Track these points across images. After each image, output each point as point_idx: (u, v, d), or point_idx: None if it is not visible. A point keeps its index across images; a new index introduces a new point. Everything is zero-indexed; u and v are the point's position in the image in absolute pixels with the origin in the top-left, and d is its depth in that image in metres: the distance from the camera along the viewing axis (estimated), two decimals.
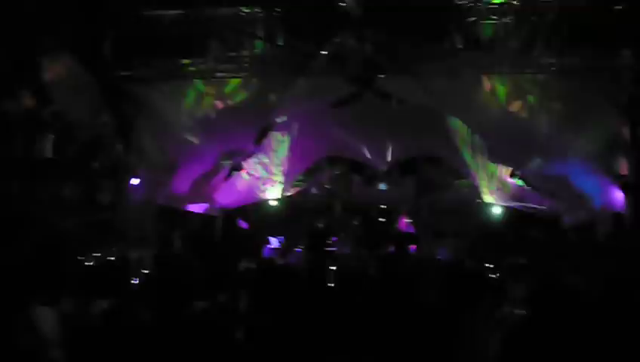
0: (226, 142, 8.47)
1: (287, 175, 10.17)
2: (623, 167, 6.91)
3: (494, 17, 7.02)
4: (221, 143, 8.43)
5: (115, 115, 7.89)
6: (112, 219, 7.79)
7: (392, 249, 9.51)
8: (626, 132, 6.98)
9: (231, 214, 10.35)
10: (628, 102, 6.92)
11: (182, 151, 8.25)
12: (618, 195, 7.07)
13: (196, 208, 10.02)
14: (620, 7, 6.60)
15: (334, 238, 9.91)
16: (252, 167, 9.86)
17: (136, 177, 8.28)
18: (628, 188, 6.86)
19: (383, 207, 10.62)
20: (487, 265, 7.33)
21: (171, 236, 9.18)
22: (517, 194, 9.05)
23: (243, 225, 10.47)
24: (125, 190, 8.23)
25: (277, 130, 9.14)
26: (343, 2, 6.86)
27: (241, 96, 7.90)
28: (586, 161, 7.36)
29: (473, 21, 7.06)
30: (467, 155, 9.05)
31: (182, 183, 8.89)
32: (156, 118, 8.09)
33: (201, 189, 9.45)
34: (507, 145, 7.89)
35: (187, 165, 8.50)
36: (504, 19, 6.89)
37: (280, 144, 9.57)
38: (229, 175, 9.56)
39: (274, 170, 9.98)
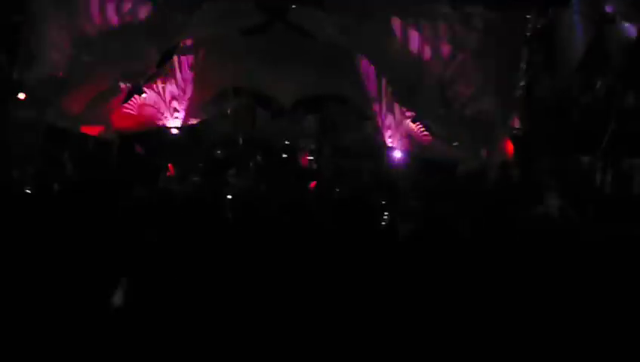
0: (126, 63, 7.96)
1: (189, 102, 9.81)
2: (515, 119, 7.26)
3: None
4: (120, 63, 7.91)
5: None
6: None
7: (292, 184, 9.55)
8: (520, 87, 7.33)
9: (128, 138, 9.87)
10: (526, 59, 7.24)
11: (75, 68, 7.68)
12: (508, 146, 7.46)
13: (90, 130, 9.47)
14: None
15: (234, 170, 9.79)
16: (154, 91, 9.40)
17: (21, 92, 7.64)
18: (517, 140, 7.25)
19: (286, 142, 10.57)
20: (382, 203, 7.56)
21: (60, 157, 8.66)
22: (416, 140, 9.32)
23: (139, 150, 10.05)
24: (8, 106, 7.59)
25: (181, 54, 8.72)
26: None
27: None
28: (485, 111, 7.66)
29: None
30: (374, 97, 9.16)
31: (74, 103, 8.33)
32: (46, 29, 7.44)
33: (95, 110, 8.91)
34: (410, 91, 8.06)
35: (81, 83, 7.94)
36: None
37: (184, 69, 9.16)
38: (128, 97, 9.06)
39: (177, 96, 9.58)
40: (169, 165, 9.51)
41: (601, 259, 4.31)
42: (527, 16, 7.03)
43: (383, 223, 6.77)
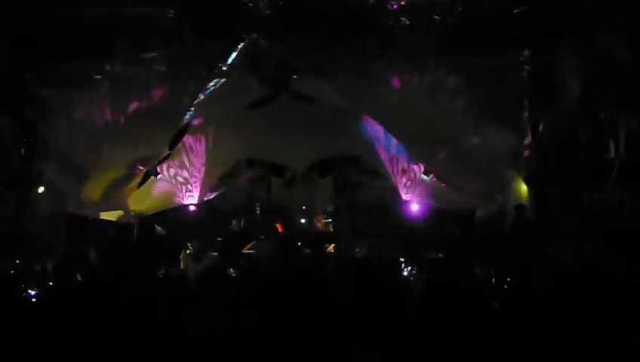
0: (139, 147, 8.21)
1: (204, 178, 10.00)
2: (527, 161, 7.24)
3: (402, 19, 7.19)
4: (133, 148, 8.16)
5: (15, 119, 7.47)
6: (15, 231, 7.35)
7: (311, 249, 9.55)
8: (527, 129, 7.35)
9: (147, 220, 10.03)
10: (528, 101, 7.29)
11: (92, 158, 7.93)
12: (522, 189, 7.41)
13: (110, 216, 9.66)
14: (519, 10, 6.90)
15: (254, 241, 9.84)
16: (168, 172, 9.63)
17: (41, 186, 7.87)
18: (531, 181, 7.20)
19: (302, 208, 10.64)
20: (401, 259, 7.50)
21: (83, 246, 8.80)
22: (431, 191, 9.31)
23: (160, 231, 10.18)
24: (29, 200, 7.79)
25: (192, 134, 8.97)
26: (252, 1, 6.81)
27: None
28: (494, 156, 7.67)
29: (383, 22, 7.19)
30: (383, 154, 9.25)
31: (93, 191, 8.55)
32: (63, 124, 7.74)
33: (113, 196, 9.12)
34: (418, 143, 8.13)
35: (98, 172, 8.18)
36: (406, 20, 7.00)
37: (196, 148, 9.40)
38: (144, 180, 9.27)
39: (191, 174, 9.79)
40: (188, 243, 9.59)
41: (625, 292, 4.22)
42: (521, 59, 7.12)
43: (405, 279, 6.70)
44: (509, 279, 5.90)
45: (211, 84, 7.72)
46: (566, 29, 6.75)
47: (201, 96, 7.78)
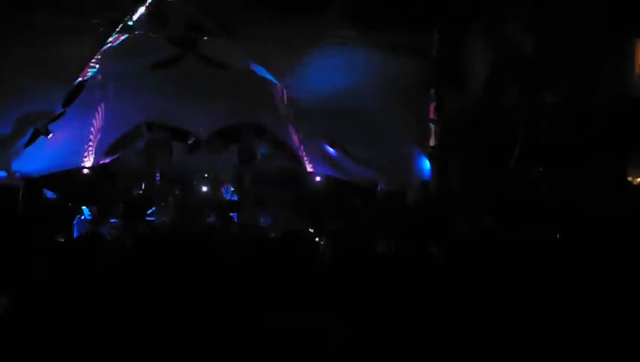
0: (28, 102, 7.54)
1: (101, 140, 9.41)
2: (430, 138, 7.51)
3: None
4: (20, 102, 7.48)
5: None
6: None
7: (213, 218, 9.34)
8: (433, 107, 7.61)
9: (34, 182, 9.29)
10: (435, 81, 7.54)
11: None
12: (425, 165, 7.70)
13: None
14: None
15: (153, 208, 9.46)
16: (61, 132, 8.93)
17: None
18: (433, 158, 7.49)
19: (205, 175, 10.34)
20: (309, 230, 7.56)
21: None
22: (337, 164, 9.41)
23: (50, 195, 9.47)
24: None
25: (90, 91, 8.35)
26: None
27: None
28: (400, 133, 7.88)
29: None
30: (289, 124, 9.19)
31: None
32: None
33: None
34: (326, 113, 8.17)
35: None
36: None
37: (93, 107, 8.78)
38: (32, 140, 8.54)
39: (87, 135, 9.16)
40: (84, 208, 9.01)
41: (517, 263, 4.53)
42: (430, 40, 7.33)
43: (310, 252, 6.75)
44: (409, 251, 6.13)
45: (112, 38, 7.24)
46: (474, 14, 7.02)
47: (102, 51, 7.27)
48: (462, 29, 6.97)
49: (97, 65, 7.61)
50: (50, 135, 8.57)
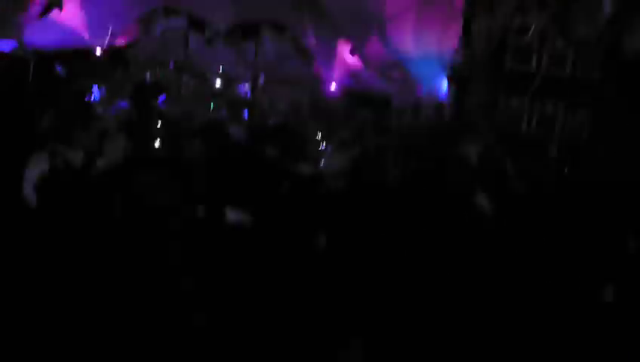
0: None
1: (116, 21, 9.15)
2: (454, 60, 7.35)
3: None
4: None
5: None
6: None
7: (224, 111, 9.34)
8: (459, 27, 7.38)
9: (46, 57, 9.15)
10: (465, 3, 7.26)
11: None
12: (444, 85, 7.59)
13: (1, 47, 8.70)
14: None
15: (163, 96, 9.38)
16: (74, 6, 8.67)
17: None
18: (454, 79, 7.38)
19: (219, 70, 10.17)
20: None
21: None
22: (354, 73, 9.27)
23: (60, 70, 9.36)
24: None
25: None
26: None
27: None
28: (420, 48, 7.69)
29: None
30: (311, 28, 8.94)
31: None
32: None
33: (7, 24, 8.16)
34: (350, 21, 7.95)
35: None
36: None
37: None
38: (46, 10, 8.31)
39: (101, 13, 8.88)
40: (94, 88, 8.95)
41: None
42: None
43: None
44: (417, 173, 6.20)
45: None
46: None
47: None
48: None
49: None
50: (64, 8, 8.33)
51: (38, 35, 8.82)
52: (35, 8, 8.19)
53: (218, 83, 10.02)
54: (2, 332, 3.20)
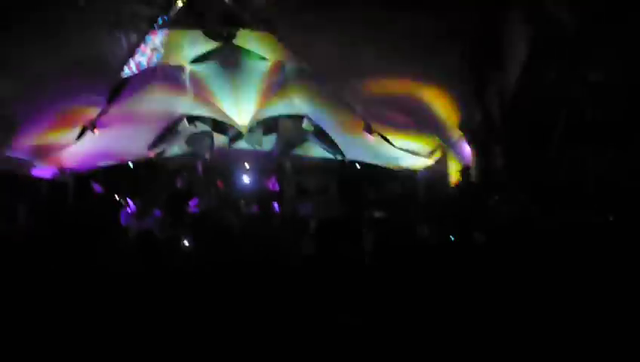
0: (75, 98, 7.76)
1: (144, 134, 9.63)
2: (471, 122, 7.36)
3: None
4: (68, 99, 7.69)
5: None
6: None
7: (256, 208, 9.46)
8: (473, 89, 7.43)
9: (83, 178, 9.61)
10: (474, 64, 7.35)
11: (22, 108, 7.39)
12: (466, 149, 7.57)
13: (42, 173, 9.19)
14: None
15: (196, 200, 9.64)
16: (106, 126, 9.19)
17: None
18: (474, 141, 7.35)
19: (245, 166, 10.46)
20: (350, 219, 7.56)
21: (16, 207, 8.37)
22: (374, 151, 9.36)
23: (98, 189, 9.78)
24: None
25: (131, 87, 8.55)
26: None
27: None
28: (436, 115, 7.75)
29: None
30: (329, 112, 9.17)
31: (24, 145, 8.07)
32: None
33: (47, 151, 8.66)
34: (366, 100, 8.12)
35: (31, 123, 7.68)
36: None
37: (136, 101, 8.97)
38: (80, 135, 8.82)
39: (131, 129, 9.37)
40: (129, 201, 9.27)
41: (564, 249, 4.44)
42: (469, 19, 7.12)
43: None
44: (451, 237, 6.08)
45: (151, 34, 7.37)
46: None
47: (144, 48, 7.44)
48: (500, 7, 6.76)
49: (138, 61, 7.77)
50: (97, 130, 8.83)
51: (75, 158, 9.32)
52: (71, 134, 8.68)
53: (246, 179, 10.27)
54: None
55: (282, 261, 4.93)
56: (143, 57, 7.67)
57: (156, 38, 7.52)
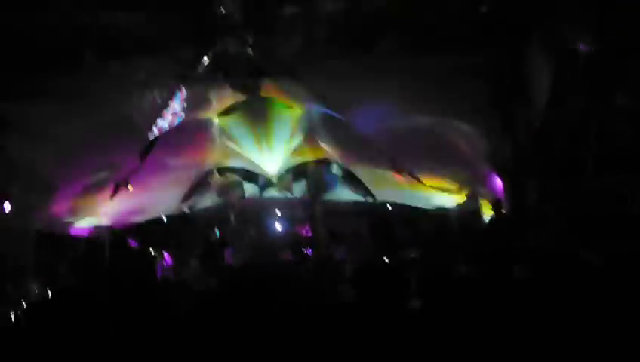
0: (109, 159, 7.99)
1: (176, 188, 9.82)
2: (501, 155, 7.31)
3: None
4: (103, 160, 7.93)
5: None
6: None
7: (290, 255, 9.46)
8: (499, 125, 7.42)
9: (119, 233, 9.79)
10: (498, 98, 7.35)
11: (59, 172, 7.64)
12: (497, 182, 7.50)
13: (80, 231, 9.39)
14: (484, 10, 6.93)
15: (231, 249, 9.70)
16: (139, 183, 9.39)
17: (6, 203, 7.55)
18: (506, 176, 7.29)
19: (277, 213, 10.54)
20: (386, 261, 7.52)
21: (56, 265, 8.54)
22: (404, 191, 9.34)
23: (133, 243, 9.94)
24: None
25: (162, 143, 8.77)
26: (223, 6, 6.70)
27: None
28: (464, 150, 7.73)
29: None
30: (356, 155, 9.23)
31: (61, 205, 8.29)
32: (27, 138, 7.43)
33: (84, 210, 8.87)
34: (394, 142, 8.15)
35: (65, 184, 7.91)
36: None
37: (167, 157, 9.18)
38: (115, 192, 9.03)
39: (163, 184, 9.57)
40: (165, 254, 9.39)
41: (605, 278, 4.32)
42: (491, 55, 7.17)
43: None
44: (490, 274, 5.97)
45: (180, 92, 7.59)
46: (532, 25, 6.85)
47: (172, 104, 7.66)
48: (522, 42, 6.80)
49: (169, 117, 7.98)
50: (130, 187, 9.04)
51: (111, 215, 9.52)
52: (107, 192, 8.90)
53: (278, 227, 10.32)
54: None
55: (322, 308, 4.88)
56: (165, 121, 7.85)
57: (184, 94, 7.72)
